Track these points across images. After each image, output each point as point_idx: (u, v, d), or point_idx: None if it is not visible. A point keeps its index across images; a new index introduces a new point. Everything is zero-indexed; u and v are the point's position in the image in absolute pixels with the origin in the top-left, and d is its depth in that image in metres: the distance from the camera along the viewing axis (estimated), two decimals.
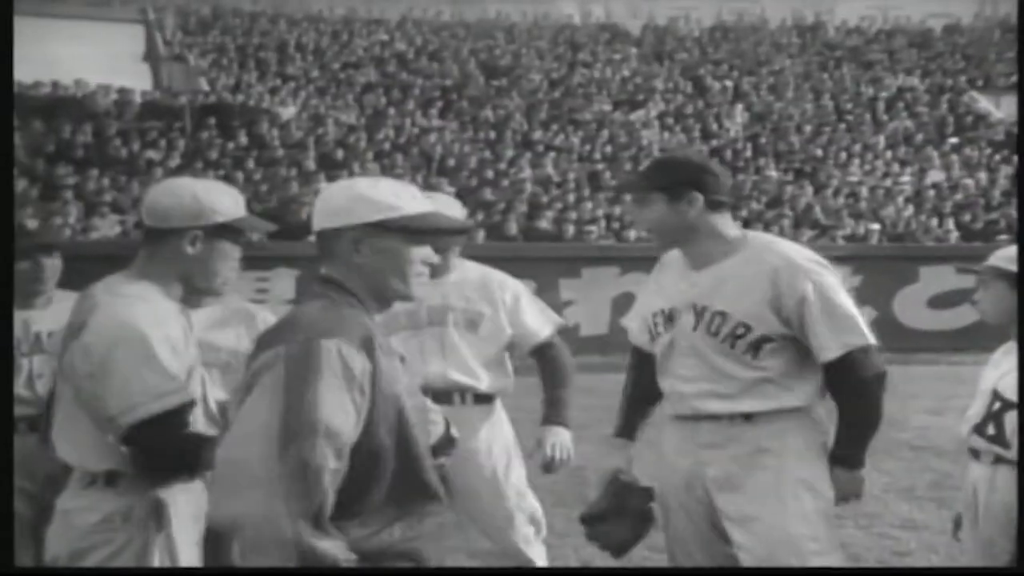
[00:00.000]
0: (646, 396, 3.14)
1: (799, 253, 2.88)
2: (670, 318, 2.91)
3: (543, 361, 3.70)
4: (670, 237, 2.91)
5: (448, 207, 3.29)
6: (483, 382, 3.59)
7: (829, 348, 2.78)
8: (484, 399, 3.62)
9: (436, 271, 3.17)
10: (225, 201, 2.55)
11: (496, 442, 3.63)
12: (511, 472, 3.65)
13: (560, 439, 3.60)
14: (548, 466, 3.58)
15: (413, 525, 2.02)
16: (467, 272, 3.65)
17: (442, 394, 3.34)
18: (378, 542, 1.96)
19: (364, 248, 2.06)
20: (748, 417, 2.82)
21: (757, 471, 2.82)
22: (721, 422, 2.84)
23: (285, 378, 1.90)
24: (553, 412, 3.64)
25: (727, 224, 2.90)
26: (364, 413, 1.95)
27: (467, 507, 3.52)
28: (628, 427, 3.21)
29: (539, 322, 3.67)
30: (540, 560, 3.67)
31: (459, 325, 3.57)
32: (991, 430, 2.96)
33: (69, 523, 2.43)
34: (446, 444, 2.27)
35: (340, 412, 1.90)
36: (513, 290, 3.66)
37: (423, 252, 2.11)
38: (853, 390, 2.82)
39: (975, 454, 3.02)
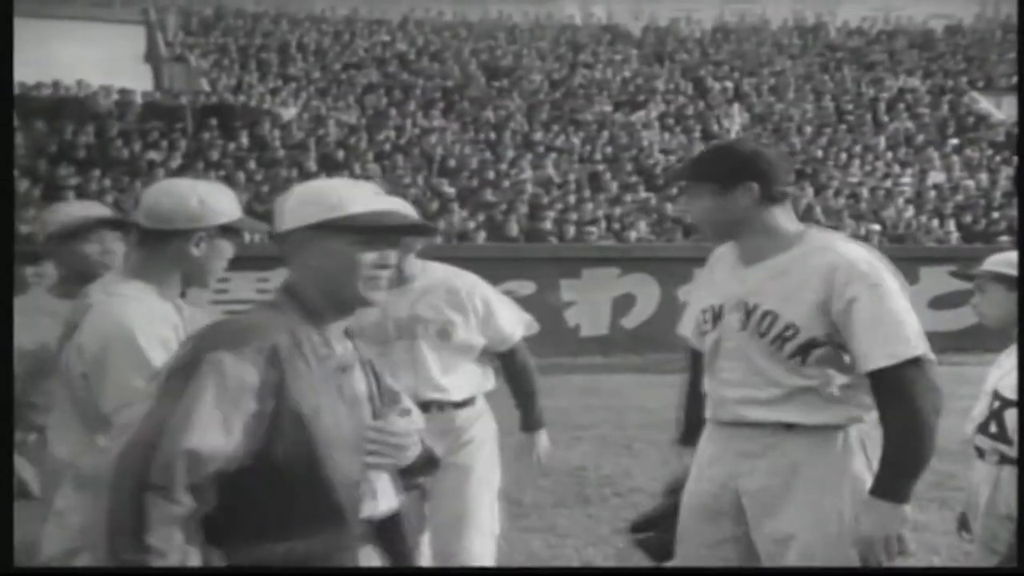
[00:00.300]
0: (702, 398, 2.88)
1: (860, 253, 2.60)
2: (717, 315, 2.71)
3: (511, 364, 3.61)
4: (721, 231, 2.70)
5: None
6: (460, 391, 3.45)
7: (872, 357, 2.49)
8: (463, 404, 3.49)
9: (399, 279, 3.12)
10: (224, 202, 2.58)
11: (480, 447, 3.49)
12: (485, 484, 3.50)
13: (542, 443, 3.65)
14: (541, 470, 3.57)
15: (304, 548, 1.86)
16: (432, 277, 3.45)
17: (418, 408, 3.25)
18: (256, 559, 1.85)
19: (312, 251, 1.95)
20: (790, 427, 2.57)
21: (796, 487, 2.57)
22: (762, 430, 2.60)
23: (160, 391, 1.85)
24: (532, 418, 3.62)
25: (784, 217, 2.66)
26: (255, 427, 1.83)
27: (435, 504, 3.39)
28: (689, 432, 2.94)
29: (511, 325, 3.55)
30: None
31: (430, 336, 3.39)
32: (993, 428, 3.03)
33: (63, 523, 2.44)
34: (425, 466, 2.12)
35: (210, 429, 1.79)
36: (483, 295, 3.49)
37: (374, 255, 1.96)
38: (899, 408, 2.48)
39: (980, 453, 3.09)
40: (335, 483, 1.88)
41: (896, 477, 2.47)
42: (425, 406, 3.01)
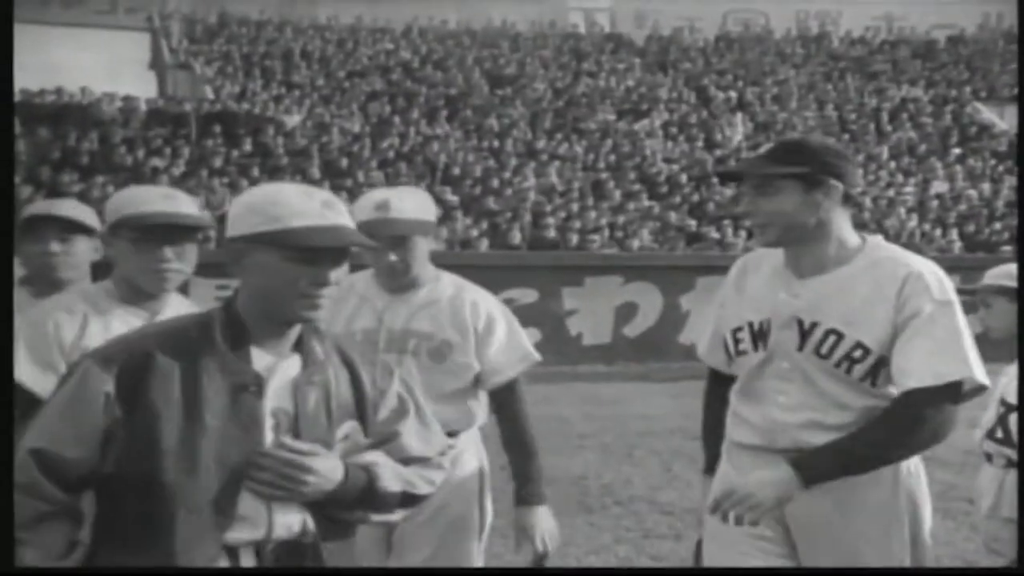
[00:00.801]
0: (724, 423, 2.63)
1: (930, 267, 2.40)
2: (761, 333, 2.43)
3: (501, 409, 3.01)
4: (795, 234, 2.39)
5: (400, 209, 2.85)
6: (444, 421, 2.77)
7: (918, 374, 2.27)
8: (450, 435, 2.81)
9: (402, 286, 2.93)
10: (118, 203, 2.57)
11: (459, 487, 2.91)
12: (462, 528, 2.97)
13: (546, 525, 2.95)
14: (540, 559, 2.93)
15: (159, 560, 1.80)
16: (441, 290, 2.98)
17: None
18: (119, 563, 1.82)
19: (249, 262, 1.87)
20: None
21: (856, 517, 2.36)
22: None
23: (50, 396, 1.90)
24: (530, 489, 2.95)
25: (849, 226, 2.47)
26: (106, 437, 1.80)
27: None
28: (714, 460, 2.67)
29: (506, 356, 2.97)
30: None
31: (420, 354, 2.90)
32: (1000, 434, 3.11)
33: None
34: (373, 502, 1.95)
35: (61, 434, 1.79)
36: (487, 315, 2.98)
37: (311, 272, 1.84)
38: (910, 424, 2.29)
39: (988, 458, 3.18)
40: (175, 502, 1.79)
41: (831, 464, 2.28)
42: None
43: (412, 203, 2.92)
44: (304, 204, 1.86)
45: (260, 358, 1.89)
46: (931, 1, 26.26)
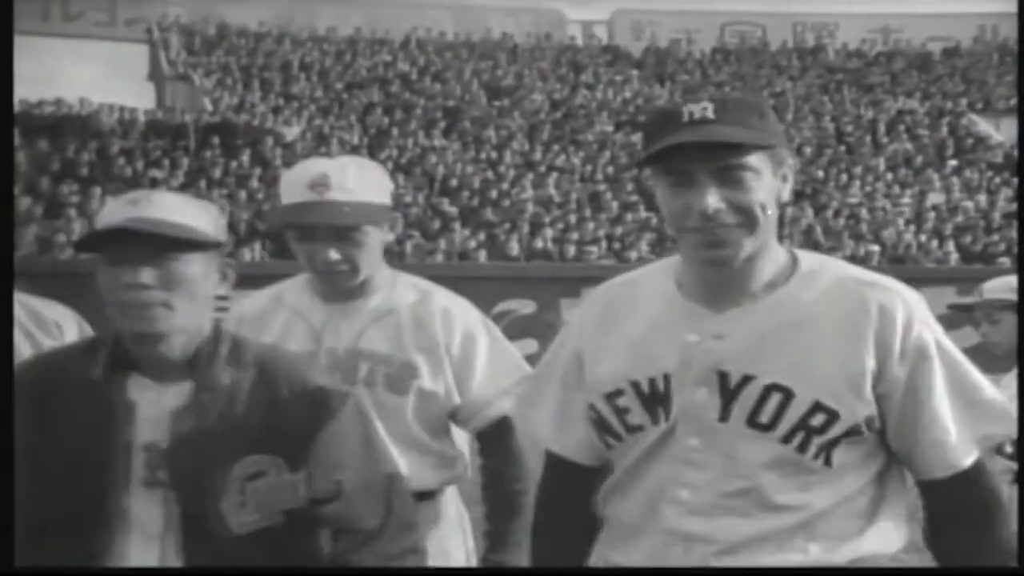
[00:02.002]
0: (578, 531, 1.75)
1: (905, 289, 1.61)
2: (658, 397, 1.58)
3: (490, 452, 2.24)
4: (763, 236, 1.57)
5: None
6: (417, 474, 2.09)
7: (963, 449, 1.57)
8: (423, 496, 2.13)
9: (346, 293, 2.17)
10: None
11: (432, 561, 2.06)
12: None
13: None
14: None
15: None
16: (399, 297, 2.21)
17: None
18: None
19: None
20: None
21: None
22: None
23: None
24: (504, 554, 2.18)
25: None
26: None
27: None
28: None
29: (495, 385, 2.19)
30: None
31: (375, 384, 2.14)
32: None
33: None
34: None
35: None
36: (465, 328, 2.20)
37: (116, 273, 1.60)
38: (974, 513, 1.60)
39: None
40: (42, 529, 1.62)
41: None
42: None
43: (360, 180, 2.12)
44: (111, 205, 1.71)
45: (137, 385, 1.65)
46: (927, 14, 26.37)
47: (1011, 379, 3.14)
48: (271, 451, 1.65)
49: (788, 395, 1.53)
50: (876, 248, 14.79)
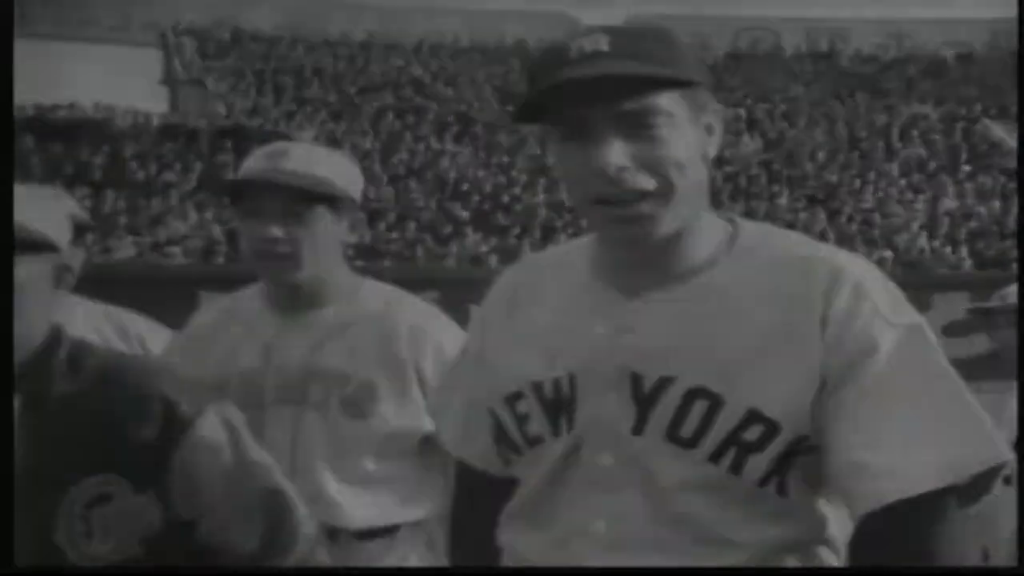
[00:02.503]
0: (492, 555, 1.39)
1: (867, 267, 1.23)
2: (560, 402, 1.26)
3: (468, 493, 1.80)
4: (687, 209, 1.22)
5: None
6: (366, 511, 1.85)
7: (898, 471, 1.13)
8: (370, 535, 1.86)
9: (297, 301, 1.89)
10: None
11: None
12: None
13: None
14: None
15: None
16: (360, 306, 1.91)
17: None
18: None
19: None
20: None
21: None
22: None
23: None
24: None
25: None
26: None
27: None
28: None
29: None
30: None
31: (328, 407, 1.84)
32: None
33: None
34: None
35: None
36: (436, 345, 1.88)
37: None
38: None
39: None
40: None
41: None
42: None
43: (323, 157, 1.90)
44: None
45: None
46: (940, 19, 26.31)
47: None
48: (114, 471, 1.41)
49: (716, 402, 1.18)
50: (889, 254, 14.74)
